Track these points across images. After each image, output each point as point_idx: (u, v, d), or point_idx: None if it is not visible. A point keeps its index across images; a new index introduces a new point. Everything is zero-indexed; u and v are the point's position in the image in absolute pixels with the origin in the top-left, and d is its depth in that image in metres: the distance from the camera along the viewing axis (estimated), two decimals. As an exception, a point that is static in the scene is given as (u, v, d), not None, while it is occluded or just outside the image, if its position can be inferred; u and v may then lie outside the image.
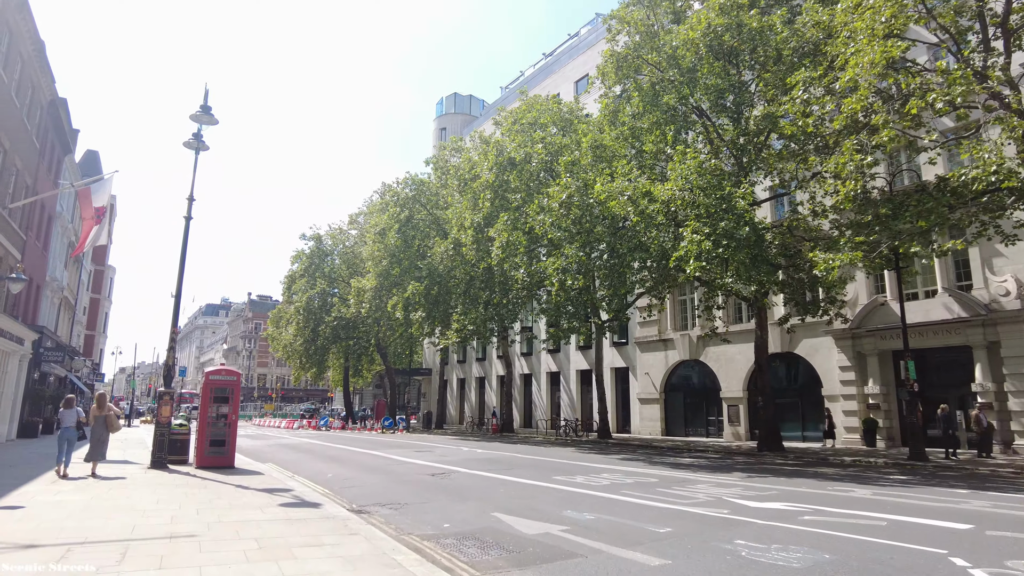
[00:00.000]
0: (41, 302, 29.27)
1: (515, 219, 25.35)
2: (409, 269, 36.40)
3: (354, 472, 15.79)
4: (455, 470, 15.78)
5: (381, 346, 49.96)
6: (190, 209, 16.29)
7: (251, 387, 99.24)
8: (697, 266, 16.27)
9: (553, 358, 43.36)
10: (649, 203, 18.78)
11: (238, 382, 15.94)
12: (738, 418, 31.49)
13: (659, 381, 35.39)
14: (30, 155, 24.25)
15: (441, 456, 20.02)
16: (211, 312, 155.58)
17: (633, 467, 16.97)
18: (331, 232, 56.20)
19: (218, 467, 15.10)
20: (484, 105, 67.55)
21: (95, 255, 55.39)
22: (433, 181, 39.44)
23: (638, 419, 36.74)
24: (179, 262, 15.95)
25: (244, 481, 12.75)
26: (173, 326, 15.64)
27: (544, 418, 43.01)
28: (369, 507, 10.39)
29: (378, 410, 52.18)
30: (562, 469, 16.16)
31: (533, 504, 10.51)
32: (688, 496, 11.36)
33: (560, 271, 20.39)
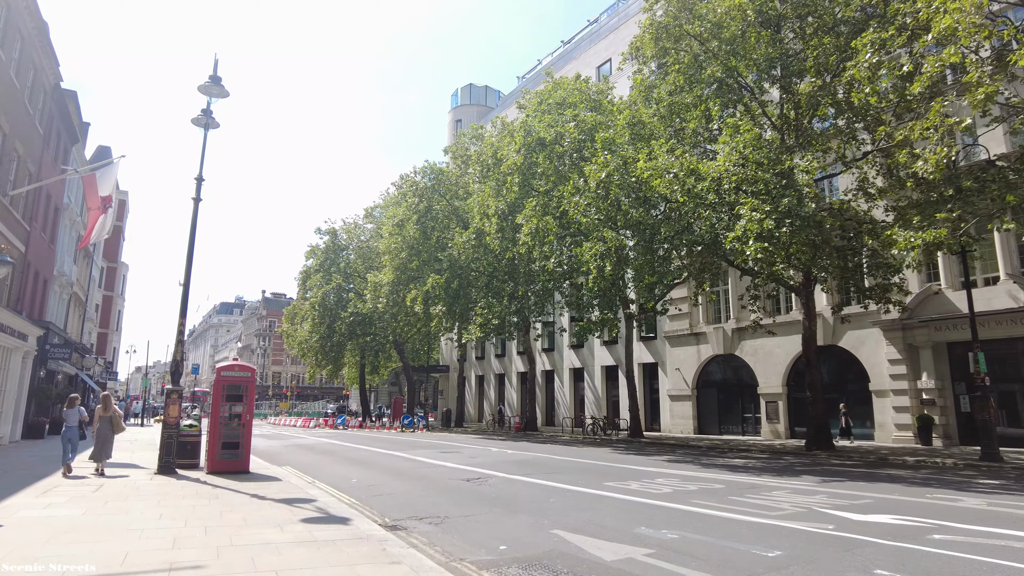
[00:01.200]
0: (48, 297, 28.11)
1: (544, 204, 23.77)
2: (428, 262, 34.94)
3: (380, 477, 14.34)
4: (491, 474, 14.29)
5: (398, 342, 48.62)
6: (199, 190, 14.91)
7: (266, 385, 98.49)
8: (758, 247, 14.65)
9: (576, 354, 41.79)
10: (696, 181, 17.18)
11: (253, 378, 14.52)
12: (777, 415, 29.80)
13: (691, 377, 33.73)
14: (33, 141, 23.02)
15: (471, 458, 18.55)
16: (225, 311, 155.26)
17: (686, 470, 15.41)
18: (346, 227, 54.93)
19: (231, 472, 13.70)
20: (500, 96, 66.00)
21: (107, 251, 54.49)
22: (452, 170, 37.92)
23: (668, 417, 35.11)
24: (187, 247, 14.58)
25: (260, 489, 11.32)
26: (181, 316, 14.26)
27: (567, 416, 41.45)
28: (405, 521, 8.92)
29: (395, 408, 50.90)
30: (609, 473, 14.63)
31: (596, 518, 8.99)
32: (771, 507, 9.79)
33: (598, 257, 18.83)
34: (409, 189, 36.79)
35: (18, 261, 22.76)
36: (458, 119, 63.62)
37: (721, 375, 33.38)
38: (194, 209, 14.78)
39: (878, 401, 26.11)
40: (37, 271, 25.70)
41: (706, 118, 21.12)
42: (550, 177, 24.55)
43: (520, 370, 47.07)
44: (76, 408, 13.97)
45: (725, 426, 32.77)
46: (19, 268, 22.91)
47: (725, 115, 20.03)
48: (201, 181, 14.94)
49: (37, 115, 23.58)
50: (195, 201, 14.82)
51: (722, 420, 33.01)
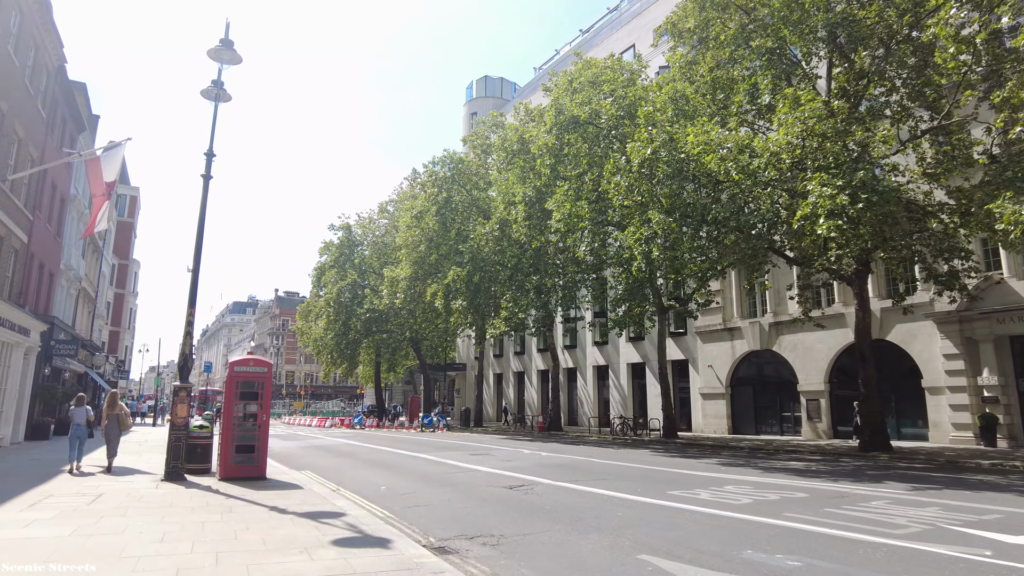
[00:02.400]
0: (55, 292, 26.90)
1: (577, 188, 22.18)
2: (448, 255, 33.45)
3: (411, 483, 12.87)
4: (535, 481, 12.79)
5: (415, 339, 47.23)
6: (209, 166, 13.52)
7: (279, 384, 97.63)
8: (831, 225, 13.04)
9: (600, 351, 40.18)
10: (751, 158, 15.60)
11: (269, 375, 13.09)
12: (818, 414, 28.08)
13: (724, 374, 32.06)
14: (35, 125, 21.76)
15: (505, 461, 17.04)
16: (238, 310, 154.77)
17: (748, 475, 13.83)
18: (360, 222, 53.63)
19: (246, 478, 12.29)
20: (516, 88, 64.54)
21: (118, 248, 53.50)
22: (472, 160, 36.39)
23: (700, 416, 33.45)
24: (197, 229, 13.18)
25: (280, 500, 9.88)
26: (190, 306, 12.86)
27: (591, 415, 39.86)
28: (454, 541, 7.44)
29: (412, 407, 49.50)
30: (666, 480, 13.09)
31: (684, 538, 7.47)
32: (884, 521, 8.22)
33: (643, 241, 17.23)
34: (428, 179, 35.28)
35: (20, 252, 21.52)
36: (473, 112, 62.16)
37: (757, 372, 31.70)
38: (204, 187, 13.39)
39: (932, 399, 24.36)
40: (42, 264, 24.46)
41: (751, 94, 19.52)
42: (582, 160, 22.94)
43: (540, 368, 45.55)
44: (84, 407, 13.99)
45: (762, 426, 31.09)
46: (22, 259, 21.68)
47: (776, 89, 18.40)
48: (212, 157, 13.56)
49: (40, 97, 22.32)
50: (205, 178, 13.43)
51: (758, 419, 31.32)
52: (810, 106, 14.68)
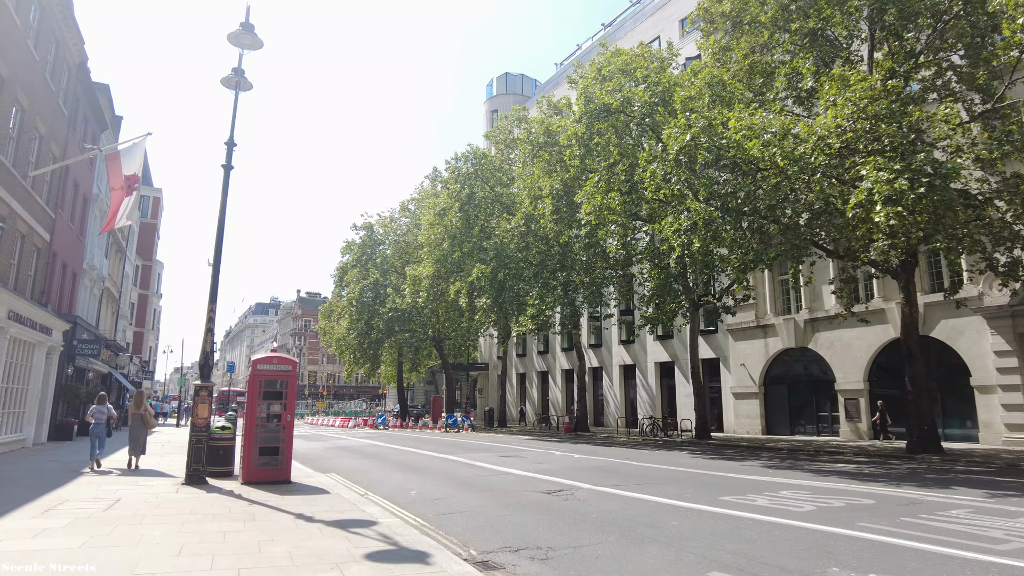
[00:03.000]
0: (78, 291, 26.69)
1: (607, 179, 21.36)
2: (472, 252, 32.78)
3: (443, 487, 12.19)
4: (574, 485, 12.04)
5: (437, 339, 46.68)
6: (229, 156, 12.97)
7: (302, 385, 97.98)
8: (890, 212, 12.12)
9: (627, 349, 39.26)
10: (796, 143, 14.70)
11: (294, 373, 12.50)
12: (858, 413, 26.98)
13: (757, 373, 31.02)
14: (57, 121, 21.48)
15: (537, 463, 16.31)
16: (261, 311, 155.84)
17: (801, 479, 12.95)
18: (382, 221, 53.23)
19: (270, 482, 11.70)
20: (537, 84, 63.75)
21: (142, 249, 53.67)
22: (495, 155, 35.69)
23: (732, 416, 32.44)
24: (218, 221, 12.63)
25: (306, 506, 9.25)
26: (211, 302, 12.30)
27: (618, 416, 38.97)
28: (498, 555, 6.73)
29: (434, 407, 48.99)
30: (714, 484, 12.27)
31: (755, 552, 6.68)
32: (976, 534, 7.36)
33: (682, 233, 16.38)
34: (451, 176, 34.63)
35: (43, 250, 21.25)
36: (494, 109, 61.48)
37: (791, 370, 30.63)
38: (225, 177, 12.83)
39: (982, 398, 23.18)
40: (65, 263, 24.22)
41: (790, 78, 18.58)
42: (613, 150, 22.09)
43: (565, 367, 44.76)
44: (105, 406, 14.32)
45: (797, 426, 30.03)
46: (44, 258, 21.40)
47: (819, 72, 17.45)
48: (232, 146, 13.01)
49: (61, 94, 22.04)
50: (226, 168, 12.88)
51: (793, 419, 30.25)
52: (861, 86, 13.75)
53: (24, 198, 18.80)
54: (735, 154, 15.79)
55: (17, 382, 18.38)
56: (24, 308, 16.96)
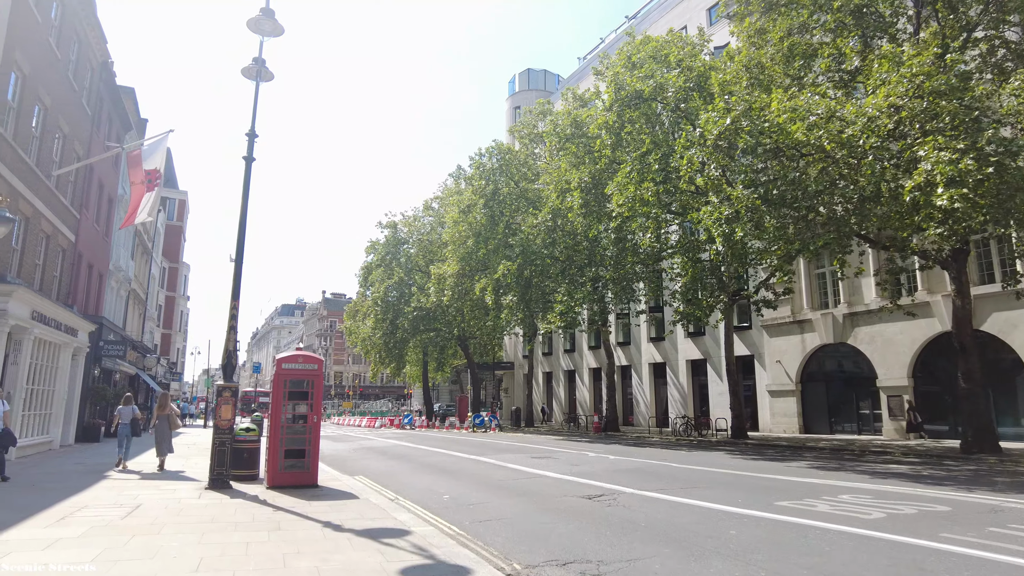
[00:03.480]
0: (104, 293, 26.62)
1: (640, 169, 20.58)
2: (497, 248, 32.18)
3: (476, 491, 11.59)
4: (615, 489, 11.35)
5: (462, 338, 46.20)
6: (251, 148, 12.50)
7: (328, 384, 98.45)
8: (954, 194, 11.23)
9: (657, 347, 38.39)
10: (843, 126, 13.83)
11: (320, 372, 11.98)
12: (902, 411, 25.84)
13: (794, 370, 29.99)
14: (80, 121, 21.31)
15: (572, 465, 15.64)
16: (287, 312, 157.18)
17: (855, 481, 12.10)
18: (406, 220, 52.94)
19: (296, 486, 11.20)
20: (560, 80, 62.97)
21: (168, 251, 54.02)
22: (520, 150, 35.03)
23: (768, 415, 31.43)
24: (239, 216, 12.17)
25: (334, 513, 8.70)
26: (233, 298, 11.84)
27: (648, 415, 38.09)
28: (545, 568, 6.11)
29: (460, 407, 48.53)
30: (764, 487, 11.49)
31: (829, 567, 5.96)
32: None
33: (723, 222, 15.56)
34: (475, 171, 34.05)
35: (68, 251, 21.11)
36: (516, 106, 60.84)
37: (830, 367, 29.58)
38: (247, 169, 12.37)
39: (1040, 397, 22.02)
40: (91, 264, 24.12)
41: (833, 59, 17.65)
42: (645, 139, 21.28)
43: (592, 366, 43.98)
44: (130, 406, 14.80)
45: (837, 424, 28.96)
46: (69, 259, 21.26)
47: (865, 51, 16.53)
48: (254, 137, 12.54)
49: (84, 94, 21.88)
50: (247, 160, 12.41)
51: (833, 418, 29.19)
52: (917, 61, 12.85)
53: (48, 198, 18.62)
54: (778, 139, 14.95)
55: (43, 383, 18.21)
56: (48, 308, 16.74)
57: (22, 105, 16.35)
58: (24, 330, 15.50)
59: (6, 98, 15.49)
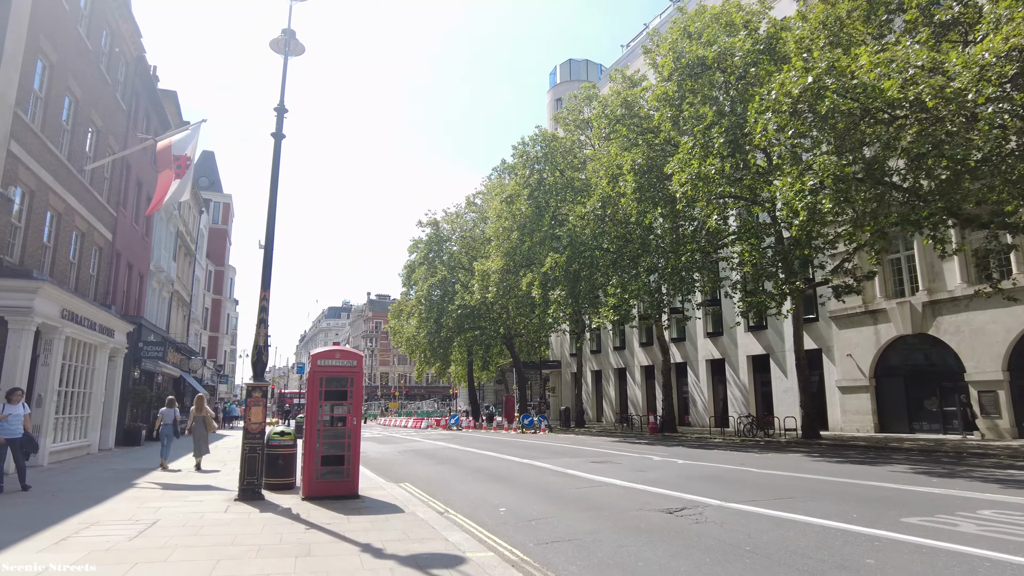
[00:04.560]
0: (146, 294, 26.17)
1: (704, 144, 18.81)
2: (543, 241, 30.71)
3: (536, 502, 10.17)
4: (697, 501, 9.80)
5: (508, 336, 44.91)
6: (280, 124, 11.37)
7: (374, 386, 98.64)
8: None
9: (715, 343, 36.35)
10: (946, 81, 11.97)
11: (359, 368, 10.73)
12: (996, 408, 23.39)
13: (867, 364, 27.70)
14: (114, 116, 20.72)
15: (638, 471, 14.09)
16: (333, 315, 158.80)
17: (981, 491, 10.24)
18: (448, 217, 51.98)
19: (335, 497, 9.99)
20: (602, 70, 61.18)
21: (214, 255, 54.23)
22: (565, 137, 33.47)
23: (838, 413, 29.18)
24: (269, 197, 11.04)
25: (375, 532, 7.42)
26: (264, 288, 10.71)
27: (707, 414, 36.10)
28: (643, 618, 4.65)
29: (507, 407, 47.25)
30: (879, 499, 9.77)
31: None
32: None
33: (805, 194, 13.73)
34: (519, 160, 32.62)
35: (105, 249, 20.53)
36: (558, 98, 59.29)
37: (908, 360, 27.18)
38: (276, 147, 11.25)
39: None
40: (130, 264, 23.62)
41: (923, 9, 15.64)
42: (707, 112, 19.46)
43: (644, 364, 42.12)
44: (172, 409, 15.40)
45: (917, 422, 26.57)
46: (107, 258, 20.69)
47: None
48: (283, 112, 11.41)
49: (119, 88, 21.31)
50: (276, 137, 11.29)
51: (912, 415, 26.80)
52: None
53: (82, 194, 17.98)
54: (865, 101, 13.12)
55: (79, 385, 17.57)
56: (80, 307, 16.02)
57: (50, 95, 15.66)
58: (54, 329, 14.77)
59: (32, 87, 14.78)
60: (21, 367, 12.95)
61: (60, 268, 16.78)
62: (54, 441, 15.74)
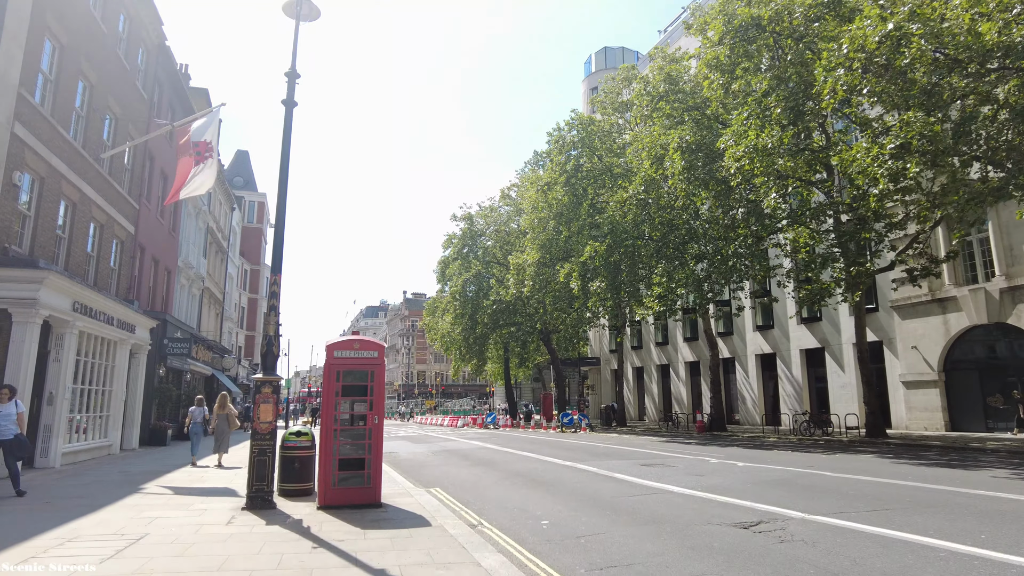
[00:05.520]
0: (173, 290, 25.55)
1: (761, 113, 17.06)
2: (581, 230, 29.22)
3: (584, 513, 8.80)
4: (773, 512, 8.31)
5: (545, 332, 43.51)
6: (291, 91, 10.22)
7: (411, 384, 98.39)
8: None
9: (764, 336, 34.36)
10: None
11: (381, 360, 9.50)
12: (1093, 405, 21.17)
13: (935, 357, 25.53)
14: (134, 104, 19.99)
15: (696, 476, 12.58)
16: (371, 314, 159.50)
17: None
18: (482, 211, 50.80)
19: (354, 505, 8.79)
20: (639, 56, 59.26)
21: (249, 254, 54.03)
22: (602, 121, 31.86)
23: (902, 409, 27.03)
24: (280, 169, 9.89)
25: (394, 552, 6.16)
26: (274, 272, 9.57)
27: (757, 412, 34.15)
28: None
29: (545, 405, 45.86)
30: (994, 512, 8.14)
31: None
32: None
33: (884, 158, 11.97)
34: (554, 146, 31.12)
35: (127, 243, 19.82)
36: (593, 87, 57.60)
37: (982, 353, 24.95)
38: (287, 115, 10.10)
39: None
40: (155, 259, 22.96)
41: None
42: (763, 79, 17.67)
43: (688, 359, 40.27)
44: (201, 407, 15.91)
45: (993, 421, 24.33)
46: (128, 251, 19.99)
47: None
48: (295, 78, 10.25)
49: (139, 76, 20.59)
50: (287, 104, 10.14)
51: (989, 413, 24.55)
52: None
53: (99, 184, 17.23)
54: (955, 50, 11.37)
55: (98, 383, 16.81)
56: (94, 300, 15.21)
57: (61, 78, 14.87)
58: (65, 323, 13.95)
59: (40, 67, 13.98)
60: (26, 362, 12.11)
61: (76, 260, 16.02)
62: (69, 442, 14.95)
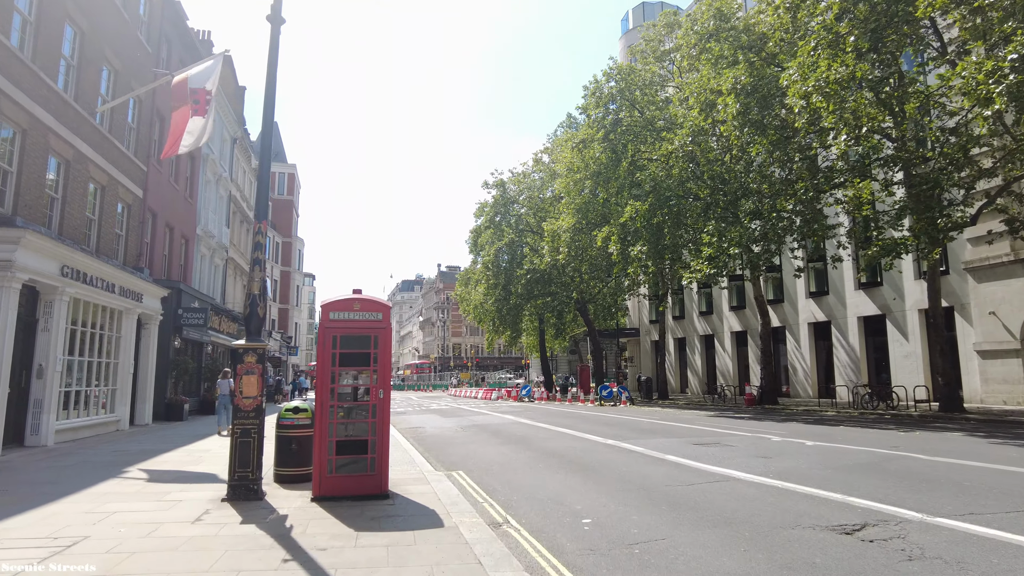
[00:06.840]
0: (192, 259, 24.45)
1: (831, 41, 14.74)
2: (620, 191, 27.15)
3: (633, 507, 7.12)
4: (875, 510, 6.52)
5: (581, 302, 41.69)
6: (279, 6, 8.54)
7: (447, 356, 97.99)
8: None
9: (818, 303, 31.95)
10: None
11: (387, 323, 7.91)
12: None
13: (1017, 324, 22.97)
14: (136, 57, 18.58)
15: (761, 458, 10.78)
16: (407, 288, 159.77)
17: None
18: (514, 177, 48.84)
19: (354, 497, 7.29)
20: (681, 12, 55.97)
21: (279, 224, 53.20)
22: (643, 71, 29.43)
23: (977, 381, 24.58)
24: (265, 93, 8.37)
25: (390, 567, 4.61)
26: (257, 219, 8.01)
27: (809, 384, 31.95)
28: None
29: (582, 377, 44.23)
30: None
31: None
32: None
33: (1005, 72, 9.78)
34: (591, 101, 28.89)
35: (134, 207, 18.62)
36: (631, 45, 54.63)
37: (1073, 318, 22.39)
38: (273, 33, 8.43)
39: None
40: (170, 226, 21.79)
41: None
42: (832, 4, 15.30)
43: (735, 329, 38.02)
44: (228, 380, 15.96)
45: (1084, 393, 21.86)
46: (136, 216, 18.79)
47: None
48: (281, -11, 8.55)
49: (141, 28, 19.19)
50: (273, 21, 8.46)
51: (1078, 385, 22.08)
52: None
53: (97, 141, 15.93)
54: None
55: (101, 355, 15.70)
56: (88, 265, 13.96)
57: (42, 20, 13.47)
58: (54, 289, 12.74)
59: (16, 5, 12.58)
60: (4, 331, 10.89)
61: (73, 223, 14.81)
62: (67, 418, 13.86)
